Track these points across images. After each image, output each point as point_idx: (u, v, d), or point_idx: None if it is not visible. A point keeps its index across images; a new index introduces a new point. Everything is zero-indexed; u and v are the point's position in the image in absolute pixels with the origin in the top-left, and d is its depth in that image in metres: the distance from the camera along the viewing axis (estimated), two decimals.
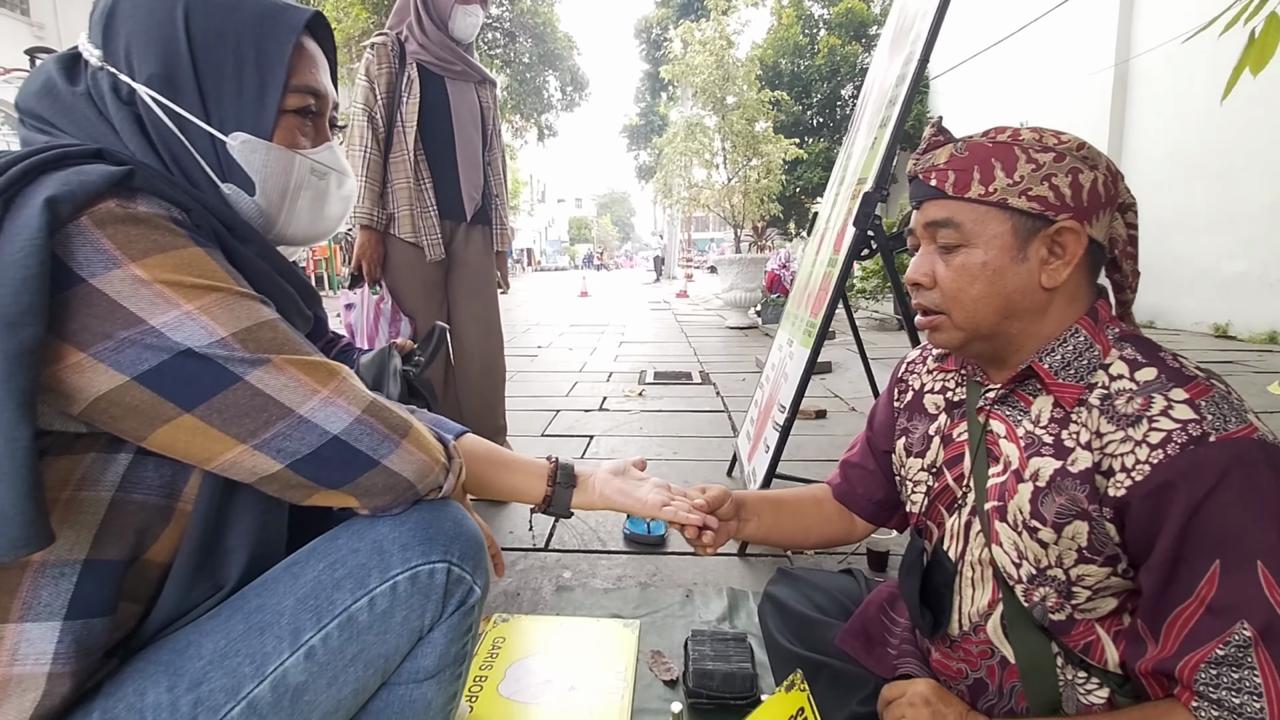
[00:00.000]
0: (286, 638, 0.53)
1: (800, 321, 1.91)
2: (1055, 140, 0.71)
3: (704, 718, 1.13)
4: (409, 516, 0.60)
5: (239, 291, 0.52)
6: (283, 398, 0.52)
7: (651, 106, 20.65)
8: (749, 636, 1.29)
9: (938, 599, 0.83)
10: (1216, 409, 0.61)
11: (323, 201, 0.67)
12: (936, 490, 0.86)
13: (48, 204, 0.44)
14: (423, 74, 1.97)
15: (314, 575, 0.56)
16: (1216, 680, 0.58)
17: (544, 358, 5.36)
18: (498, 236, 2.20)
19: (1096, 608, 0.70)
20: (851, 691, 0.91)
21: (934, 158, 0.76)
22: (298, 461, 0.53)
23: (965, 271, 0.72)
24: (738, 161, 7.77)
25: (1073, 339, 0.72)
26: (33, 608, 0.47)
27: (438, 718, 0.62)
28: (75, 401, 0.47)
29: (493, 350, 2.24)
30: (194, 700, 0.50)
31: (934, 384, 0.91)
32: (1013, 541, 0.73)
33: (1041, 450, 0.71)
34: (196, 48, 0.56)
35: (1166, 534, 0.61)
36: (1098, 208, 0.71)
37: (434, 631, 0.60)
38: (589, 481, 0.83)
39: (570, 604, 1.53)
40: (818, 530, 1.04)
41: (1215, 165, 5.60)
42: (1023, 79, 7.96)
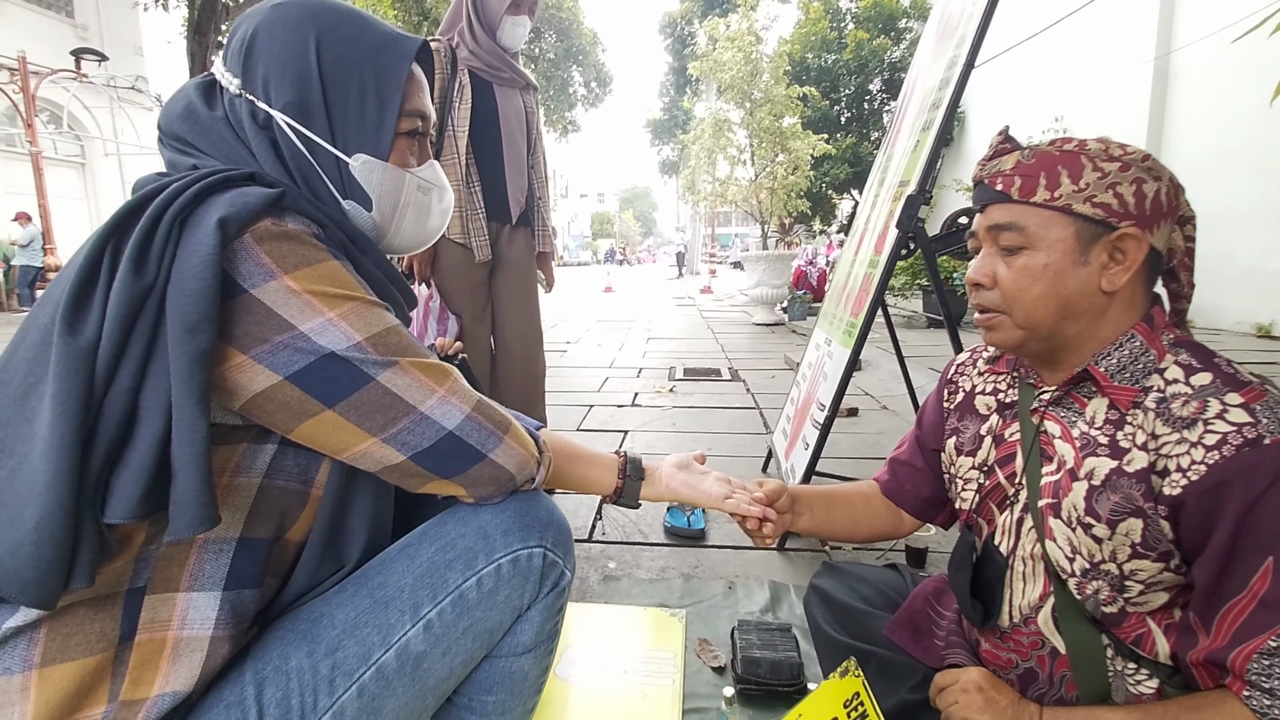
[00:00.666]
0: (408, 611, 0.59)
1: (840, 321, 1.94)
2: (1121, 151, 0.74)
3: (753, 703, 1.18)
4: (508, 505, 0.66)
5: (369, 300, 0.58)
6: (407, 396, 0.57)
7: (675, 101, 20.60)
8: (793, 628, 1.34)
9: (989, 592, 0.87)
10: (1271, 413, 0.64)
11: (426, 214, 0.73)
12: (988, 488, 0.89)
13: (220, 224, 0.50)
14: (473, 80, 2.04)
15: (428, 556, 0.62)
16: (1269, 670, 0.62)
17: (574, 353, 5.44)
18: (540, 238, 2.26)
19: (1148, 601, 0.73)
20: (901, 680, 0.95)
21: (1000, 164, 0.79)
22: (418, 454, 0.59)
23: (1027, 272, 0.76)
24: (765, 157, 7.75)
25: (1129, 343, 0.75)
26: (198, 579, 0.54)
27: (533, 687, 0.68)
28: (236, 398, 0.53)
29: (533, 348, 2.31)
30: (331, 664, 0.57)
31: (985, 385, 0.94)
32: (1066, 537, 0.76)
33: (1097, 450, 0.74)
34: (326, 78, 0.62)
35: (1221, 531, 0.64)
36: (1159, 217, 0.74)
37: (531, 609, 0.66)
38: (656, 474, 0.88)
39: (617, 593, 1.59)
40: (866, 525, 1.08)
41: (1259, 161, 5.45)
42: (1060, 74, 7.81)
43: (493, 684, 0.66)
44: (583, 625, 1.42)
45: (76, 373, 0.46)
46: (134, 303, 0.48)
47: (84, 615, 0.50)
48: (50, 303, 0.50)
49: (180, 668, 0.53)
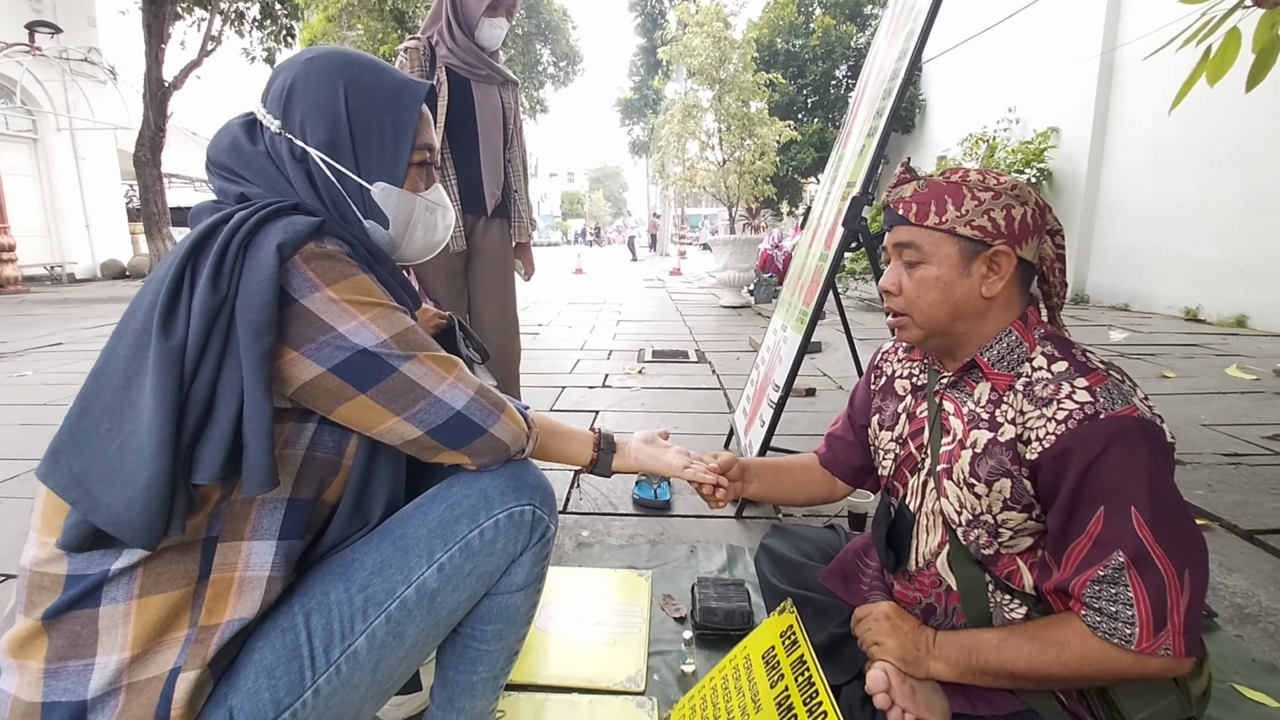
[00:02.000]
0: (424, 557, 0.74)
1: (794, 309, 2.11)
2: (995, 181, 0.91)
3: (709, 645, 1.36)
4: (503, 471, 0.80)
5: (391, 305, 0.71)
6: (424, 383, 0.71)
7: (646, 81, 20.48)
8: (746, 583, 1.52)
9: (900, 542, 1.05)
10: (1108, 394, 0.82)
11: (432, 230, 0.86)
12: (902, 457, 1.07)
13: (278, 248, 0.63)
14: (451, 77, 2.13)
15: (439, 513, 0.76)
16: (1099, 594, 0.80)
17: (545, 335, 5.55)
18: (515, 229, 2.37)
19: (1017, 544, 0.91)
20: (831, 618, 1.13)
21: (901, 191, 0.95)
22: (433, 429, 0.73)
23: (923, 283, 0.93)
24: (732, 143, 7.89)
25: (1006, 338, 0.92)
26: (258, 531, 0.67)
27: (524, 619, 0.84)
28: (289, 385, 0.66)
29: (508, 335, 2.43)
30: (364, 598, 0.71)
31: (903, 370, 1.12)
32: (956, 495, 0.94)
33: (980, 424, 0.92)
34: (353, 120, 0.75)
35: (1066, 487, 0.82)
36: (1027, 235, 0.91)
37: (523, 555, 0.81)
38: (625, 447, 1.03)
39: (590, 558, 1.75)
40: (806, 490, 1.25)
41: (1194, 156, 5.80)
42: (1013, 65, 8.09)
43: (491, 616, 0.81)
44: (560, 586, 1.58)
45: (171, 368, 0.58)
46: (212, 312, 0.60)
47: (171, 558, 0.63)
48: (139, 312, 0.62)
49: (245, 600, 0.66)
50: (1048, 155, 7.34)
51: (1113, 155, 6.79)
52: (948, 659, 0.91)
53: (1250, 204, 5.30)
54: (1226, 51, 1.71)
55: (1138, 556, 0.78)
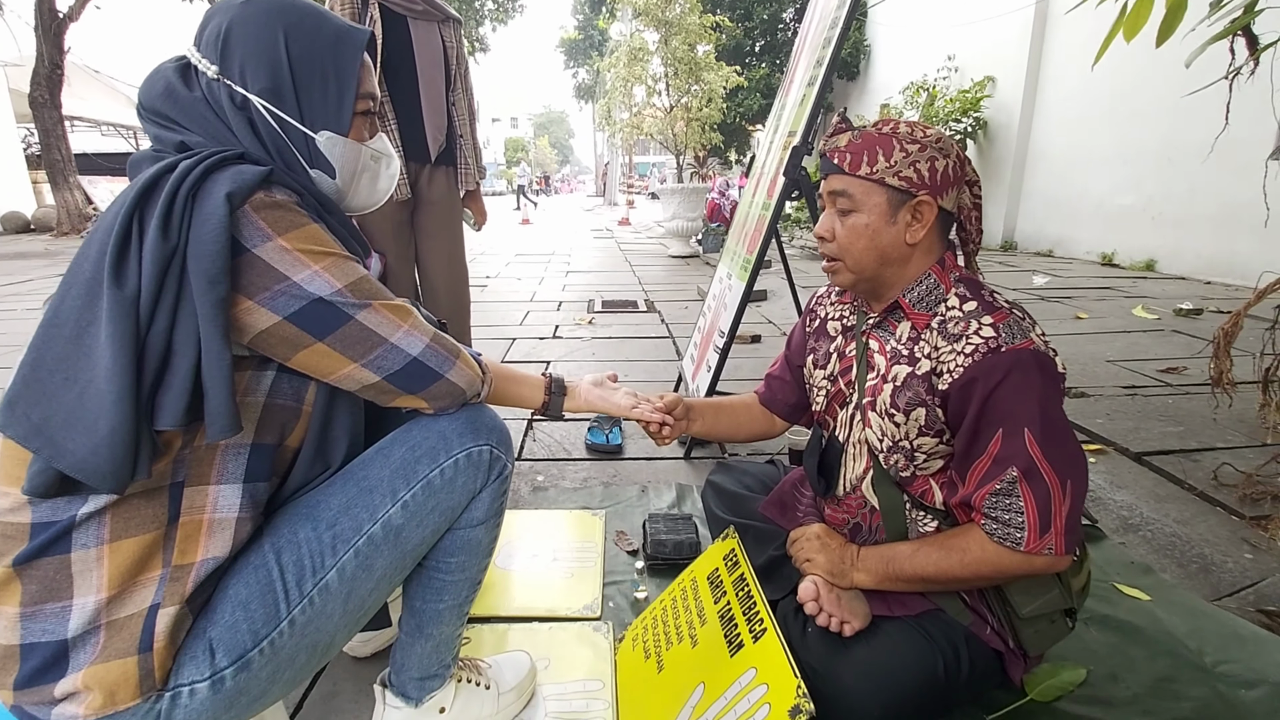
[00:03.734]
0: (388, 495, 0.78)
1: (738, 257, 2.17)
2: (922, 133, 0.97)
3: (659, 574, 1.46)
4: (460, 414, 0.84)
5: (344, 255, 0.73)
6: (380, 331, 0.74)
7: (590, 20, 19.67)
8: (694, 517, 1.62)
9: (829, 471, 1.15)
10: (1009, 330, 0.92)
11: (376, 179, 0.86)
12: (833, 393, 1.16)
13: (227, 197, 0.63)
14: (385, 14, 2.03)
15: (401, 455, 0.80)
16: (995, 504, 0.91)
17: (494, 288, 5.48)
18: (462, 176, 2.32)
19: (930, 467, 1.02)
20: (769, 541, 1.24)
21: (837, 141, 1.01)
22: (390, 375, 0.76)
23: (854, 230, 0.99)
24: (680, 88, 7.76)
25: (926, 281, 1.01)
26: (223, 475, 0.70)
27: (485, 551, 0.90)
28: (246, 334, 0.68)
29: (458, 284, 2.41)
30: (332, 535, 0.75)
31: (835, 313, 1.20)
32: (878, 425, 1.04)
33: (900, 360, 1.01)
34: (295, 66, 0.74)
35: (971, 412, 0.92)
36: (948, 186, 0.98)
37: (483, 492, 0.86)
38: (576, 390, 1.08)
39: (545, 501, 1.82)
40: (747, 428, 1.34)
41: (1115, 107, 6.08)
42: (952, 14, 8.16)
43: (455, 549, 0.86)
44: (518, 528, 1.65)
45: (126, 317, 0.59)
46: (163, 261, 0.61)
47: (138, 504, 0.65)
48: (86, 262, 0.62)
49: (215, 541, 0.69)
50: (983, 105, 7.54)
51: (1043, 106, 7.03)
52: (869, 570, 1.03)
53: (1163, 154, 5.62)
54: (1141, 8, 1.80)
55: (1028, 471, 0.89)
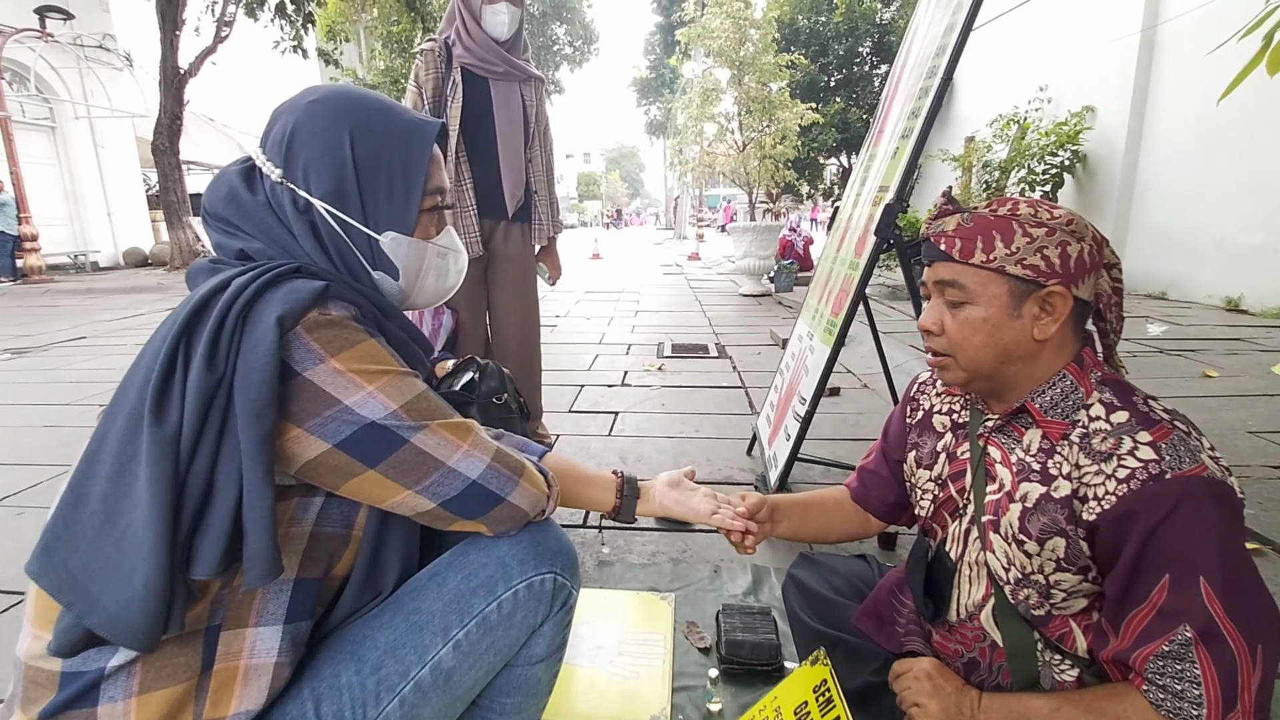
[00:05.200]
0: (439, 633, 0.70)
1: (821, 318, 2.03)
2: (1049, 215, 0.83)
3: (735, 681, 1.32)
4: (522, 536, 0.76)
5: (401, 371, 0.67)
6: (437, 454, 0.67)
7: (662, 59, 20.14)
8: (773, 610, 1.47)
9: (939, 591, 0.99)
10: (1174, 451, 0.75)
11: (444, 276, 0.81)
12: (942, 499, 1.01)
13: (278, 321, 0.58)
14: (466, 76, 2.06)
15: (455, 584, 0.72)
16: (1163, 670, 0.74)
17: (563, 328, 5.52)
18: (536, 232, 2.31)
19: (1070, 606, 0.85)
20: (865, 664, 1.08)
21: (944, 224, 0.88)
22: (447, 501, 0.68)
23: (968, 324, 0.85)
24: (753, 126, 7.71)
25: (1060, 382, 0.85)
26: (263, 616, 0.64)
27: (545, 690, 0.80)
28: (293, 464, 0.62)
29: (530, 340, 2.39)
30: (376, 680, 0.67)
31: (942, 405, 1.05)
32: (1003, 550, 0.88)
33: (1030, 476, 0.85)
34: (360, 167, 0.69)
35: (1128, 551, 0.76)
36: (1083, 273, 0.83)
37: (544, 626, 0.77)
38: (650, 492, 0.98)
39: (610, 577, 1.71)
40: (839, 528, 1.20)
41: (1238, 136, 5.52)
42: (1045, 42, 7.76)
43: (511, 689, 0.77)
44: (581, 610, 1.54)
45: (166, 458, 0.54)
46: (208, 394, 0.56)
47: (172, 651, 0.60)
48: (132, 389, 0.58)
49: (251, 690, 0.63)
50: (1082, 137, 7.06)
51: (1151, 136, 6.50)
52: None
53: None
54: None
55: (1206, 631, 0.71)
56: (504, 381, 1.41)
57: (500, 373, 1.32)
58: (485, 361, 1.31)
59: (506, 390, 1.42)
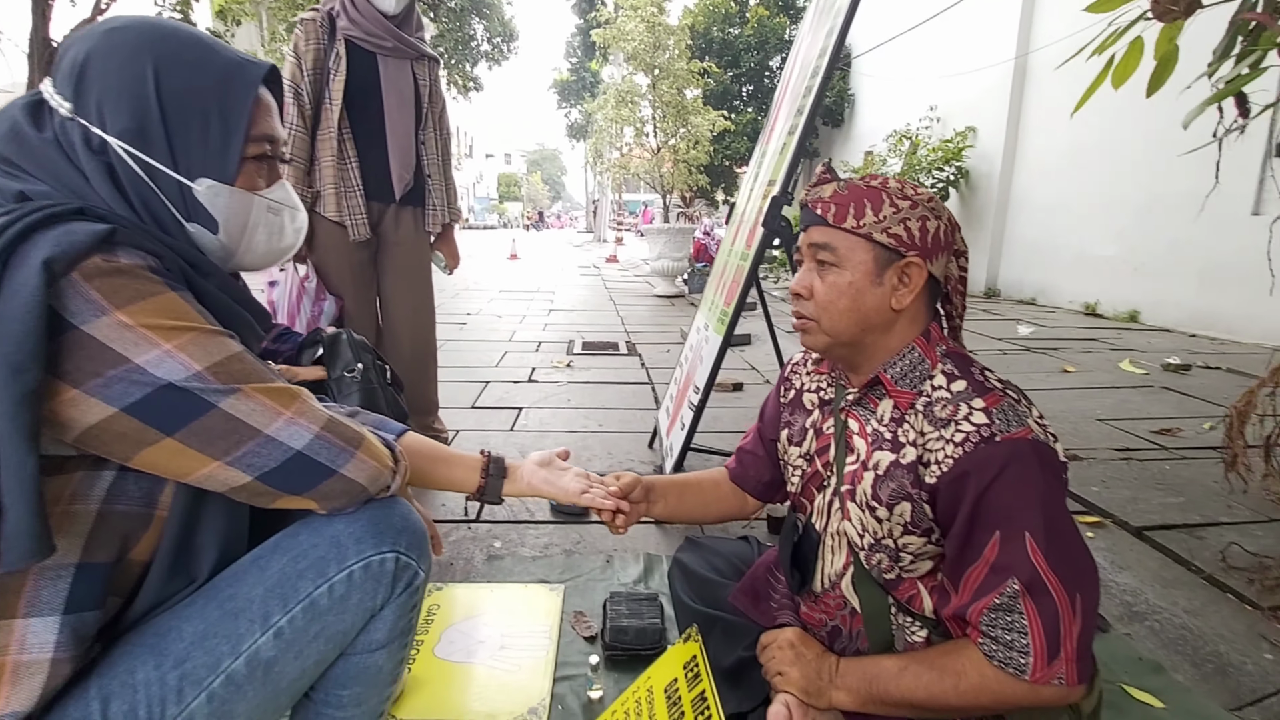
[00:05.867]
0: (258, 620, 0.63)
1: (715, 308, 2.07)
2: (913, 191, 0.88)
3: (619, 668, 1.30)
4: (361, 514, 0.70)
5: (209, 329, 0.60)
6: (252, 421, 0.60)
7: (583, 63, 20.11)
8: (660, 595, 1.47)
9: (805, 562, 1.02)
10: (1004, 415, 0.80)
11: (278, 235, 0.74)
12: (809, 474, 1.03)
13: (45, 265, 0.50)
14: (352, 50, 1.95)
15: (279, 567, 0.66)
16: (994, 621, 0.78)
17: (473, 325, 5.35)
18: (429, 217, 2.21)
19: (917, 569, 0.89)
20: (739, 640, 1.10)
21: (821, 191, 0.91)
22: (266, 474, 0.62)
23: (835, 288, 0.88)
24: (667, 130, 7.83)
25: (909, 354, 0.89)
26: (35, 605, 0.55)
27: (388, 679, 0.74)
28: (70, 430, 0.54)
29: (424, 330, 2.28)
30: (179, 675, 0.60)
31: (811, 384, 1.08)
32: (859, 517, 0.91)
33: (883, 445, 0.89)
34: (166, 104, 0.62)
35: (963, 511, 0.80)
36: (939, 250, 0.88)
37: (385, 609, 0.71)
38: (518, 472, 0.95)
39: (500, 571, 1.66)
40: (716, 507, 1.21)
41: (1097, 159, 6.16)
42: (935, 65, 8.35)
43: (348, 679, 0.71)
44: (464, 605, 1.48)
45: None
46: None
47: None
48: None
49: (21, 690, 0.54)
50: (965, 154, 7.64)
51: (1024, 156, 7.13)
52: (850, 688, 0.89)
53: (1145, 205, 5.67)
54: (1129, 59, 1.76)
55: (1032, 583, 0.76)
56: (359, 352, 1.31)
57: (354, 343, 1.23)
58: (335, 331, 1.22)
59: (362, 362, 1.33)
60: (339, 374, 1.24)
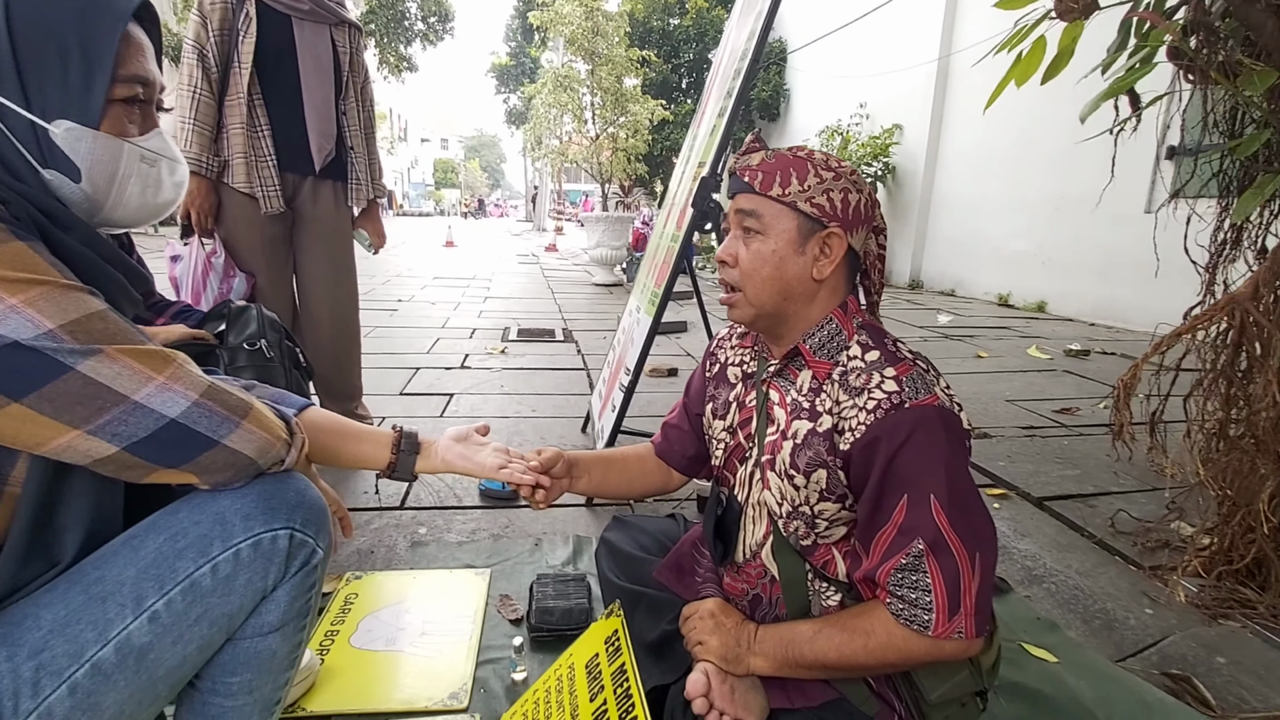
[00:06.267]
0: (129, 604, 0.58)
1: (647, 290, 2.06)
2: (836, 164, 0.90)
3: (545, 648, 1.28)
4: (250, 489, 0.65)
5: (64, 284, 0.54)
6: (116, 385, 0.55)
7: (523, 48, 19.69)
8: (588, 576, 1.46)
9: (728, 534, 1.03)
10: (913, 383, 0.82)
11: (155, 188, 0.68)
12: (732, 447, 1.04)
13: None
14: (263, 11, 1.83)
15: (155, 546, 0.61)
16: (900, 581, 0.81)
17: (405, 312, 5.17)
18: (352, 192, 2.11)
19: (832, 534, 0.91)
20: (664, 614, 1.10)
21: (749, 159, 0.91)
22: (134, 444, 0.56)
23: (759, 256, 0.89)
24: (606, 118, 7.77)
25: (828, 325, 0.91)
26: None
27: (283, 664, 0.70)
28: None
29: (345, 310, 2.18)
30: (35, 666, 0.54)
31: (736, 358, 1.09)
32: (777, 486, 0.92)
33: (801, 414, 0.90)
34: (16, 34, 0.55)
35: (874, 476, 0.82)
36: (858, 223, 0.90)
37: (278, 590, 0.67)
38: (432, 448, 0.91)
39: (424, 558, 1.61)
40: (641, 483, 1.20)
41: (1009, 158, 6.52)
42: (864, 63, 8.62)
43: (237, 665, 0.66)
44: (384, 593, 1.43)
45: None
46: None
47: None
48: None
49: None
50: (892, 151, 7.94)
51: (945, 154, 7.48)
52: (767, 654, 0.90)
53: (1051, 202, 6.05)
54: (1032, 58, 1.86)
55: (935, 543, 0.79)
56: (265, 328, 1.22)
57: (264, 319, 1.15)
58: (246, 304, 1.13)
59: (266, 337, 1.25)
60: (237, 344, 1.15)
